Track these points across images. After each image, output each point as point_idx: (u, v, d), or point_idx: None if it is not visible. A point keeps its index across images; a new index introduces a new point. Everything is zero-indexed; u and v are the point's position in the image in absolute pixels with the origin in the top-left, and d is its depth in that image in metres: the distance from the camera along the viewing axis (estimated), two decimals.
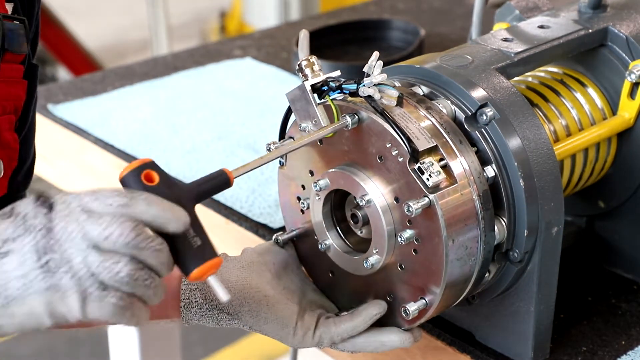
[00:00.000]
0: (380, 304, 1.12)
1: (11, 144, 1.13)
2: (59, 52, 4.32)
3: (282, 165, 1.20)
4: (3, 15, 1.07)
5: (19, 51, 1.09)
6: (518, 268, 1.13)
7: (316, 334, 1.13)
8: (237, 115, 1.82)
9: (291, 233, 1.21)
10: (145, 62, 2.08)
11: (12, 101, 1.12)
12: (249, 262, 1.17)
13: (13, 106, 1.12)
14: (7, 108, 1.10)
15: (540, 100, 1.26)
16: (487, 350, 1.22)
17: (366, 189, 1.08)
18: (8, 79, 1.10)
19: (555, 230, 1.13)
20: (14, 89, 1.12)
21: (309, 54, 1.08)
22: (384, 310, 1.12)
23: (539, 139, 1.11)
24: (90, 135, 1.75)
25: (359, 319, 1.12)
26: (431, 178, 1.04)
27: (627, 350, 1.23)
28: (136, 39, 5.52)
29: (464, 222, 1.06)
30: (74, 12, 5.48)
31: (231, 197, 1.55)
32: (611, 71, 1.28)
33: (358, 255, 1.14)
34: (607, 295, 1.33)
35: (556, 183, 1.12)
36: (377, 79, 1.05)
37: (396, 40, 2.12)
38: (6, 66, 1.09)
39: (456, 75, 1.13)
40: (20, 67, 1.12)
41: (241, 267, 1.16)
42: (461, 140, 1.09)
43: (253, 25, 4.44)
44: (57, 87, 1.98)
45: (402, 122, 1.07)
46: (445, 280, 1.07)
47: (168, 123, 1.79)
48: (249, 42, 2.17)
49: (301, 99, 1.08)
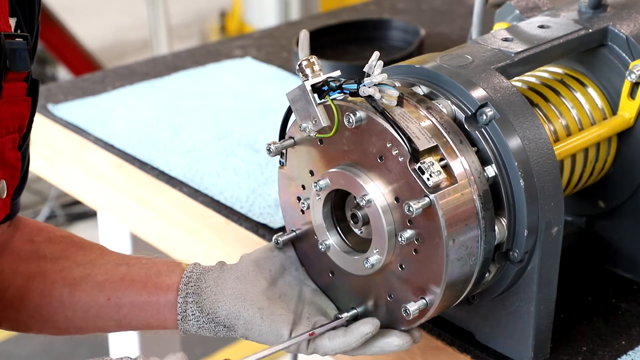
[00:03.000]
0: (373, 322, 1.12)
1: (14, 163, 1.12)
2: (59, 52, 4.32)
3: (282, 165, 1.20)
4: (6, 34, 1.05)
5: (23, 69, 1.08)
6: (518, 268, 1.13)
7: (310, 346, 1.13)
8: (237, 115, 1.82)
9: (291, 233, 1.21)
10: (145, 62, 2.08)
11: (16, 120, 1.10)
12: (245, 272, 1.17)
13: (17, 125, 1.11)
14: (10, 128, 1.09)
15: (541, 100, 1.26)
16: (487, 350, 1.22)
17: (366, 188, 1.08)
18: (12, 99, 1.08)
19: (555, 230, 1.13)
20: (17, 107, 1.10)
21: (309, 53, 1.08)
22: (377, 328, 1.12)
23: (539, 138, 1.11)
24: (90, 135, 1.75)
25: (351, 337, 1.12)
26: (432, 178, 1.04)
27: (627, 350, 1.23)
28: (136, 39, 5.52)
29: (464, 222, 1.06)
30: (74, 12, 5.47)
31: (231, 197, 1.55)
32: (611, 71, 1.28)
33: (358, 255, 1.14)
34: (607, 295, 1.33)
35: (556, 183, 1.12)
36: (377, 78, 1.05)
37: (396, 40, 2.12)
38: (9, 85, 1.07)
39: (456, 75, 1.13)
40: (23, 85, 1.10)
41: (236, 277, 1.16)
42: (461, 140, 1.09)
43: (253, 25, 4.44)
44: (57, 87, 1.98)
45: (403, 122, 1.07)
46: (446, 280, 1.07)
47: (168, 123, 1.79)
48: (249, 42, 2.17)
49: (301, 99, 1.08)
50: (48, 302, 1.19)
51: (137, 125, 1.78)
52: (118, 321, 1.18)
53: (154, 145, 1.71)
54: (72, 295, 1.18)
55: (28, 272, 1.20)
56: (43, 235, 1.23)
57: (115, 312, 1.18)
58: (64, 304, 1.19)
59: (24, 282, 1.19)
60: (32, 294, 1.19)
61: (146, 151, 1.69)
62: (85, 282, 1.18)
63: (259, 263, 1.18)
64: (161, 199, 1.63)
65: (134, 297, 1.17)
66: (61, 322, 1.20)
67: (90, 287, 1.18)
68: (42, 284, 1.19)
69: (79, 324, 1.20)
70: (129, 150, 1.69)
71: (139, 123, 1.79)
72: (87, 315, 1.18)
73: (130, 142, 1.72)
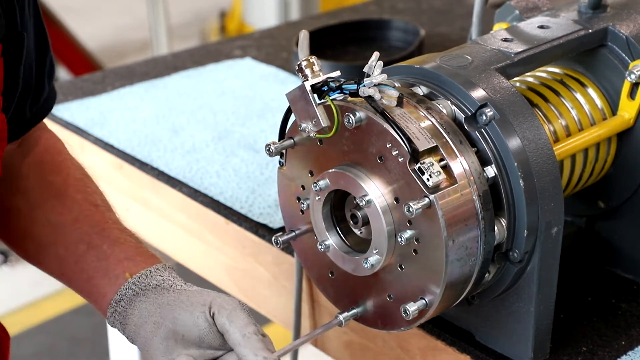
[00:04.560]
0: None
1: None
2: (59, 52, 4.32)
3: (281, 165, 1.20)
4: None
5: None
6: (518, 268, 1.13)
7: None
8: (237, 115, 1.82)
9: (291, 233, 1.21)
10: (145, 62, 2.08)
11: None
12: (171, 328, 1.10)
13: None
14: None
15: (540, 101, 1.26)
16: (487, 351, 1.22)
17: (366, 189, 1.08)
18: None
19: (555, 230, 1.13)
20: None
21: (309, 54, 1.08)
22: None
23: (538, 139, 1.11)
24: (90, 135, 1.75)
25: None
26: (431, 178, 1.04)
27: (627, 350, 1.23)
28: (136, 39, 5.52)
29: (464, 222, 1.06)
30: (74, 12, 5.48)
31: (231, 197, 1.55)
32: (611, 71, 1.28)
33: (358, 255, 1.14)
34: (607, 296, 1.33)
35: (556, 183, 1.12)
36: (377, 79, 1.05)
37: (396, 40, 2.12)
38: None
39: (456, 76, 1.13)
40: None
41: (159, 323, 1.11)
42: (461, 140, 1.09)
43: (253, 25, 4.44)
44: (57, 87, 1.96)
45: (403, 123, 1.07)
46: (445, 281, 1.07)
47: (168, 123, 1.79)
48: (249, 42, 2.17)
49: (301, 99, 1.08)
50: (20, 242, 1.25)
51: (137, 125, 1.78)
52: (72, 288, 1.22)
53: (154, 145, 1.71)
54: (37, 253, 1.23)
55: (9, 205, 1.23)
56: (40, 169, 1.25)
57: (68, 284, 1.22)
58: (30, 255, 1.24)
59: (6, 210, 1.23)
60: (10, 225, 1.23)
61: (146, 151, 1.69)
62: (48, 251, 1.21)
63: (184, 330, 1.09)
64: (161, 199, 1.63)
65: (79, 286, 1.19)
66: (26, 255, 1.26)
67: (52, 257, 1.21)
68: (18, 223, 1.23)
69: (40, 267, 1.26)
70: (129, 151, 1.69)
71: (138, 123, 1.79)
72: (47, 270, 1.24)
73: (130, 142, 1.72)
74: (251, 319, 1.05)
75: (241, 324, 1.04)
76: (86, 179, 1.27)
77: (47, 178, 1.24)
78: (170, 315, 1.08)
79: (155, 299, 1.10)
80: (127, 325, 1.11)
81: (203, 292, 1.10)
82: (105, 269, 1.16)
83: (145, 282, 1.12)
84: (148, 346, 1.09)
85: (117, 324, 1.13)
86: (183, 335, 1.06)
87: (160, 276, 1.13)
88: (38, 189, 1.23)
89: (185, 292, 1.10)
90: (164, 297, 1.10)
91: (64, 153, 1.29)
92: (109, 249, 1.17)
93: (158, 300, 1.10)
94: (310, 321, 1.45)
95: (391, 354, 1.33)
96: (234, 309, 1.05)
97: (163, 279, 1.13)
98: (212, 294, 1.09)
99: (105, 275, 1.16)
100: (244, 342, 1.03)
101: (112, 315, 1.13)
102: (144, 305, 1.10)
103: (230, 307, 1.06)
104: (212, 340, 1.06)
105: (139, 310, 1.10)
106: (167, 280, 1.13)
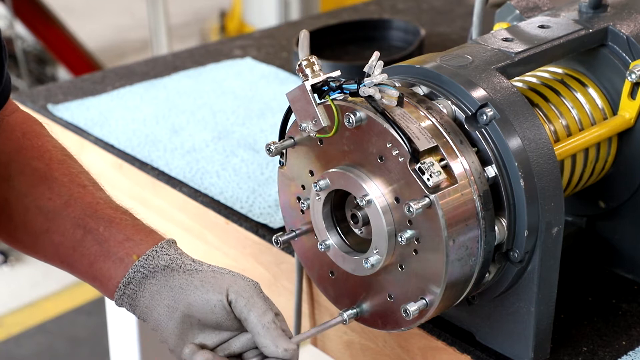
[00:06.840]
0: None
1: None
2: (59, 52, 4.32)
3: (282, 165, 1.19)
4: None
5: None
6: (518, 268, 1.13)
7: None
8: (237, 115, 1.82)
9: (291, 233, 1.21)
10: (145, 62, 2.08)
11: None
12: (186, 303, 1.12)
13: None
14: None
15: (541, 100, 1.26)
16: (487, 351, 1.22)
17: (366, 189, 1.08)
18: None
19: (555, 230, 1.12)
20: None
21: (309, 53, 1.08)
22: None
23: (539, 139, 1.11)
24: (90, 135, 1.75)
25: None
26: (432, 178, 1.04)
27: (627, 350, 1.23)
28: (136, 39, 5.52)
29: (464, 222, 1.06)
30: (74, 12, 5.48)
31: (231, 197, 1.55)
32: (611, 71, 1.28)
33: (358, 255, 1.14)
34: (608, 296, 1.33)
35: (556, 183, 1.12)
36: (377, 79, 1.05)
37: (396, 40, 2.12)
38: None
39: (456, 75, 1.13)
40: None
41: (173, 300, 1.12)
42: (462, 140, 1.09)
43: (253, 25, 4.44)
44: (57, 87, 1.98)
45: (403, 122, 1.06)
46: (446, 281, 1.07)
47: (168, 123, 1.79)
48: (249, 42, 2.17)
49: (301, 99, 1.08)
50: (14, 234, 1.22)
51: (137, 125, 1.78)
52: (73, 274, 1.21)
53: (153, 145, 1.71)
54: (33, 243, 1.21)
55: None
56: (21, 156, 1.22)
57: (69, 270, 1.20)
58: (26, 246, 1.22)
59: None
60: (1, 218, 1.21)
61: (146, 151, 1.69)
62: (43, 240, 1.19)
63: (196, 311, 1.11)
64: (161, 199, 1.63)
65: (81, 271, 1.17)
66: (22, 246, 1.24)
67: (49, 245, 1.19)
68: (8, 214, 1.21)
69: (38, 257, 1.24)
70: (129, 150, 1.69)
71: (138, 123, 1.79)
72: (46, 259, 1.22)
73: (130, 142, 1.72)
74: (268, 305, 1.08)
75: (259, 312, 1.07)
76: (69, 159, 1.24)
77: (30, 164, 1.21)
78: (185, 301, 1.09)
79: (166, 281, 1.11)
80: (138, 307, 1.12)
81: (216, 274, 1.11)
82: (106, 252, 1.15)
83: (154, 264, 1.12)
84: (162, 329, 1.11)
85: (127, 305, 1.13)
86: (199, 319, 1.09)
87: (167, 255, 1.13)
88: (22, 176, 1.21)
89: (197, 273, 1.11)
90: (175, 280, 1.11)
91: (43, 135, 1.26)
92: (106, 231, 1.16)
93: (169, 283, 1.11)
94: (310, 321, 1.45)
95: (391, 354, 1.33)
96: (251, 296, 1.08)
97: (171, 259, 1.12)
98: (226, 277, 1.10)
99: (107, 258, 1.14)
100: (264, 332, 1.07)
101: (120, 297, 1.13)
102: (155, 288, 1.11)
103: (248, 294, 1.08)
104: (230, 325, 1.09)
105: (150, 293, 1.11)
106: (175, 260, 1.12)
